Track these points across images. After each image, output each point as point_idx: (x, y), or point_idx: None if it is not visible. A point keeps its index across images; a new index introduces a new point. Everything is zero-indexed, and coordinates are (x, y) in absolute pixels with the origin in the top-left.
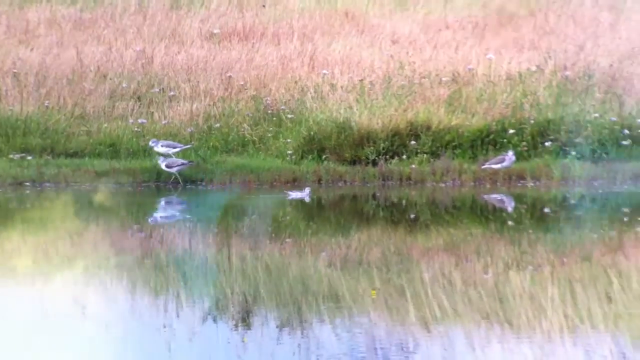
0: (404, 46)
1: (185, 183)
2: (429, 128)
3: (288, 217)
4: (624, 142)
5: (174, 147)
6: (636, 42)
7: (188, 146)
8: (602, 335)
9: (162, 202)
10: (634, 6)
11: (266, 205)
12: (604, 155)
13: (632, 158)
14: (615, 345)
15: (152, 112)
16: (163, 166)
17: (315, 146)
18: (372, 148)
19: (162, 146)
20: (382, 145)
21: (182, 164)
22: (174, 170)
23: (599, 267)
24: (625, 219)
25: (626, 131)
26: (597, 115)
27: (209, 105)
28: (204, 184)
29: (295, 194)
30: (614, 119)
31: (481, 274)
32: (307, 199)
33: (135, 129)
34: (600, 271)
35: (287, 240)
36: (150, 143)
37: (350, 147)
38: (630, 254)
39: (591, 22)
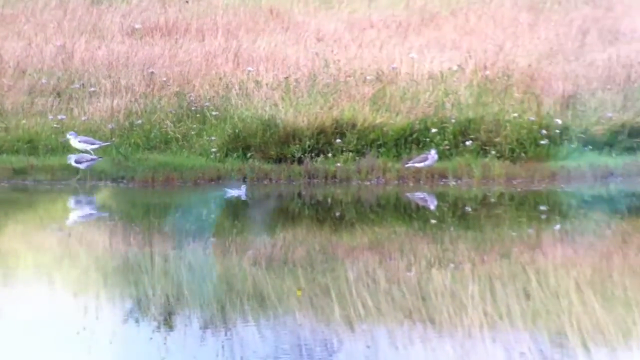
0: (329, 44)
1: (106, 181)
2: (354, 126)
3: (212, 216)
4: (542, 142)
5: (92, 144)
6: (554, 42)
7: (107, 143)
8: (521, 332)
9: (79, 200)
10: (553, 7)
11: (189, 203)
12: (523, 154)
13: (550, 157)
14: (534, 342)
15: (72, 108)
16: (72, 162)
17: (240, 144)
18: (297, 146)
19: (79, 142)
20: (307, 143)
21: (92, 159)
22: (83, 166)
23: (517, 265)
24: (543, 217)
25: (544, 131)
26: (516, 115)
27: (131, 101)
28: (125, 181)
29: (233, 192)
30: (532, 118)
31: (404, 272)
32: (243, 197)
33: (55, 125)
34: (519, 269)
35: (211, 239)
36: (68, 135)
37: (275, 144)
38: (547, 251)
39: (511, 23)
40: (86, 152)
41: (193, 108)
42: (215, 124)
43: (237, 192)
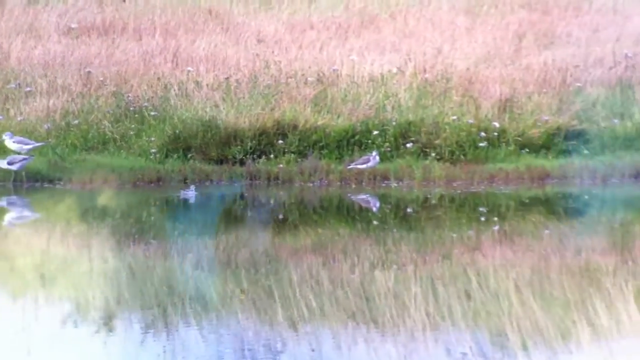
0: (269, 45)
1: (43, 182)
2: (295, 127)
3: (153, 218)
4: (481, 144)
5: (27, 144)
6: (491, 46)
7: (42, 144)
8: (462, 333)
9: (14, 202)
10: (490, 10)
11: (130, 205)
12: (462, 156)
13: (488, 160)
14: (475, 342)
15: (8, 109)
16: (5, 165)
17: (181, 145)
18: (239, 147)
19: (14, 142)
20: (249, 144)
21: (24, 159)
22: (15, 167)
23: (458, 266)
24: (482, 219)
25: (483, 134)
26: (455, 117)
27: (67, 101)
28: (62, 183)
29: (187, 194)
30: (471, 121)
31: (348, 274)
32: (192, 199)
33: None
34: (460, 269)
35: (152, 241)
36: (3, 136)
37: (216, 146)
38: (487, 252)
39: (448, 26)
40: (19, 153)
41: (131, 108)
42: (155, 124)
43: (190, 194)
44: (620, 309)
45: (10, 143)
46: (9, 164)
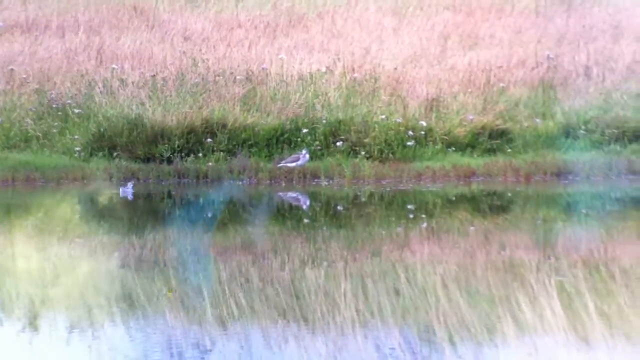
0: (196, 43)
1: None
2: (224, 126)
3: (78, 216)
4: (409, 143)
5: None
6: (418, 46)
7: None
8: (391, 329)
9: None
10: (415, 12)
11: (53, 203)
12: (391, 155)
13: (416, 158)
14: (403, 338)
15: None
16: None
17: (106, 143)
18: (166, 145)
19: None
20: (177, 142)
21: None
22: None
23: (387, 262)
24: (411, 216)
25: (410, 132)
26: (383, 117)
27: None
28: None
29: (126, 191)
30: (399, 120)
31: (278, 272)
32: (130, 197)
33: None
34: (389, 266)
35: (77, 240)
36: None
37: (143, 144)
38: (415, 249)
39: (376, 27)
40: None
41: (54, 106)
42: (78, 122)
43: (128, 191)
44: (543, 304)
45: None
46: None
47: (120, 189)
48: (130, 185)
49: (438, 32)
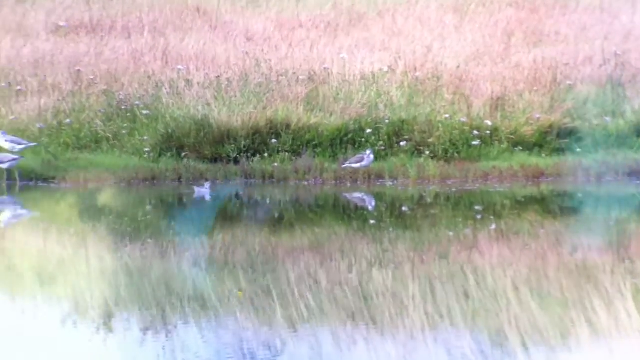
0: (258, 43)
1: (37, 181)
2: (288, 126)
3: (148, 217)
4: (474, 143)
5: (20, 144)
6: (481, 44)
7: (35, 144)
8: (461, 332)
9: (8, 201)
10: (478, 9)
11: (124, 204)
12: (456, 154)
13: (482, 158)
14: (474, 342)
15: (0, 108)
16: None
17: (174, 143)
18: (232, 146)
19: (6, 141)
20: (243, 143)
21: (14, 159)
22: (5, 166)
23: (456, 265)
24: (479, 217)
25: (475, 132)
26: (447, 116)
27: (58, 100)
28: (56, 182)
29: (200, 190)
30: (463, 119)
31: (346, 273)
32: (207, 197)
33: None
34: (458, 268)
35: (149, 240)
36: None
37: (210, 144)
38: (484, 250)
39: (437, 24)
40: (12, 152)
41: (123, 107)
42: (147, 123)
43: (205, 191)
44: (618, 307)
45: (2, 142)
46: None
47: (196, 189)
48: (207, 185)
49: (501, 29)
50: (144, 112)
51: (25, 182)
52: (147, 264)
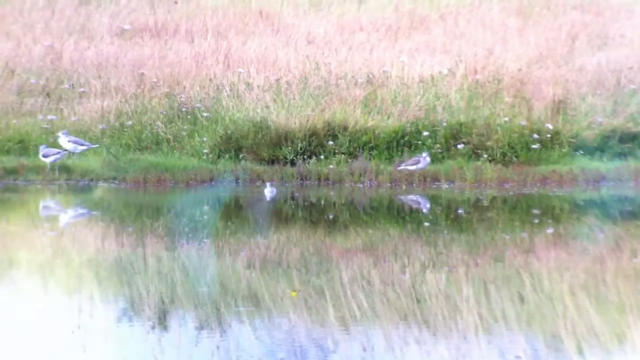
0: (319, 47)
1: (97, 181)
2: (345, 129)
3: (205, 217)
4: (534, 146)
5: (81, 145)
6: (544, 47)
7: (96, 145)
8: (516, 335)
9: (69, 201)
10: (542, 11)
11: (182, 204)
12: (515, 158)
13: (541, 161)
14: (529, 345)
15: (62, 109)
16: (40, 156)
17: (232, 145)
18: (289, 148)
19: (69, 142)
20: (299, 145)
21: (58, 153)
22: (50, 160)
23: (511, 268)
24: (536, 221)
25: (535, 135)
26: (507, 119)
27: (121, 102)
28: (116, 182)
29: (270, 192)
30: (523, 122)
31: (399, 275)
32: (271, 196)
33: (45, 125)
34: (513, 272)
35: (205, 240)
36: (59, 133)
37: (267, 146)
38: (541, 255)
39: (500, 27)
40: (74, 153)
41: (184, 109)
42: (207, 125)
43: (272, 191)
44: None
45: (64, 142)
46: (43, 156)
47: (265, 191)
48: (268, 185)
49: (565, 32)
50: (204, 114)
51: (86, 181)
52: (201, 263)
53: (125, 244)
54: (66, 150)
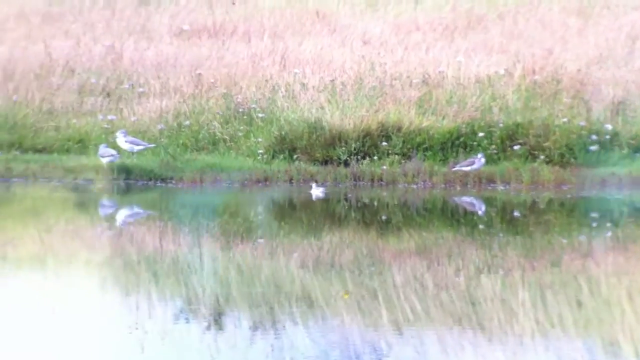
0: (375, 47)
1: (155, 181)
2: (399, 129)
3: (260, 217)
4: (592, 148)
5: (138, 145)
6: (604, 47)
7: (152, 145)
8: (573, 340)
9: (127, 200)
10: (602, 12)
11: (237, 204)
12: (572, 160)
13: (600, 163)
14: (586, 351)
15: (122, 109)
16: (98, 155)
17: (287, 146)
18: (343, 148)
19: (126, 142)
20: (353, 145)
21: (112, 155)
22: (105, 160)
23: (568, 272)
24: (594, 224)
25: (594, 137)
26: (565, 120)
27: (179, 102)
28: (173, 182)
29: (323, 191)
30: (582, 123)
31: (453, 277)
32: (319, 196)
33: (105, 125)
34: (570, 276)
35: (259, 240)
36: (118, 132)
37: (321, 147)
38: (599, 259)
39: (560, 27)
40: (132, 153)
41: (240, 110)
42: (262, 125)
43: (322, 189)
44: None
45: (122, 142)
46: (100, 156)
47: (313, 190)
48: (313, 185)
49: (626, 33)
50: (260, 115)
51: (144, 181)
52: (256, 263)
53: (181, 243)
54: (124, 149)
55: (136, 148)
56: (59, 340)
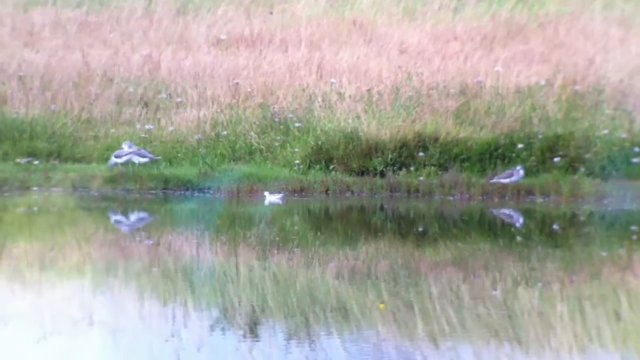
0: (412, 56)
1: (193, 191)
2: (436, 140)
3: (296, 227)
4: (635, 160)
5: (144, 157)
6: None
7: (158, 157)
8: (612, 355)
9: (166, 209)
10: None
11: (273, 214)
12: (614, 172)
13: None
14: None
15: (159, 118)
16: (113, 156)
17: (323, 156)
18: (379, 159)
19: (132, 153)
20: (390, 156)
21: (128, 154)
22: (121, 160)
23: (608, 286)
24: (635, 238)
25: (636, 149)
26: (606, 131)
27: (216, 112)
28: (211, 192)
29: (271, 197)
30: (624, 135)
31: (490, 290)
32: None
33: (143, 135)
34: (609, 290)
35: (295, 250)
36: (123, 144)
37: (358, 157)
38: (638, 272)
39: (601, 37)
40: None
41: (277, 119)
42: (299, 135)
43: (277, 198)
44: None
45: (133, 157)
46: (115, 157)
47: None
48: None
49: None
50: (297, 124)
51: (182, 191)
52: (291, 273)
53: (218, 253)
54: (138, 150)
55: (141, 160)
56: (96, 349)
